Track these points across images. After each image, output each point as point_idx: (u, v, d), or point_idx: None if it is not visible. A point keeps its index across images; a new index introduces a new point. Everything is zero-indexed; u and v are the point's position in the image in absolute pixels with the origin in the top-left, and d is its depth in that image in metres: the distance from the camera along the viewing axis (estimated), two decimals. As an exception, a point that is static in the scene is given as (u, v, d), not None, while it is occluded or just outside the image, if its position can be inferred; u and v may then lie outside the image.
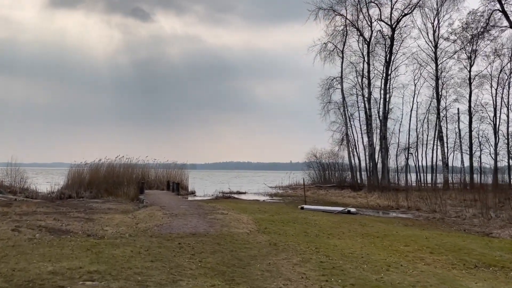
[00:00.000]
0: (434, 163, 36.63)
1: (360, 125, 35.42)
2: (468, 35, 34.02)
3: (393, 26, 29.05)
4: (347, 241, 8.89)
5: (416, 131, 37.55)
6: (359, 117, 35.18)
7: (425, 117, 36.87)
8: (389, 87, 31.93)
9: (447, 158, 31.27)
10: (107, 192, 23.94)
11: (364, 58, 32.42)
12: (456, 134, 35.19)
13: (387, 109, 30.33)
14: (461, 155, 32.03)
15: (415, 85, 36.34)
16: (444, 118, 32.77)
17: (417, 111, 37.22)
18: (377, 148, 32.68)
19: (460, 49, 33.94)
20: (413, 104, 37.22)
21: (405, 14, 28.83)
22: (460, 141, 32.45)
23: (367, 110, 30.60)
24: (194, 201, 19.04)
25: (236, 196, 24.78)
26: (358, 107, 35.02)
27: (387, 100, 30.46)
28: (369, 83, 30.60)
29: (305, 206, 17.37)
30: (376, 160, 31.89)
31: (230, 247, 7.56)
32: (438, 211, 17.98)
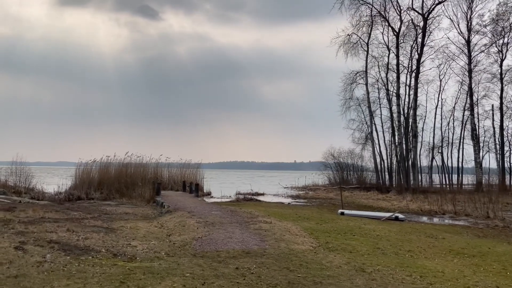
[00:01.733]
0: (460, 163, 34.61)
1: (382, 123, 33.50)
2: (499, 27, 31.94)
3: (426, 16, 26.96)
4: (443, 263, 6.91)
5: (441, 130, 35.53)
6: (381, 114, 33.24)
7: (451, 115, 34.85)
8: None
9: (482, 158, 29.20)
10: (119, 193, 22.06)
11: (389, 50, 30.43)
12: (485, 131, 33.15)
13: (416, 105, 28.26)
14: (498, 155, 29.91)
15: (440, 81, 34.34)
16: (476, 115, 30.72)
17: (441, 108, 35.22)
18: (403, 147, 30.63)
19: (491, 44, 31.87)
20: (438, 101, 35.25)
21: (439, 2, 26.76)
22: (496, 140, 30.36)
23: (396, 106, 28.57)
24: (218, 204, 17.09)
25: (257, 198, 22.78)
26: (380, 104, 33.05)
27: (417, 95, 28.37)
28: (398, 77, 28.57)
29: (346, 211, 15.37)
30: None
31: (305, 273, 5.62)
32: (492, 217, 15.99)
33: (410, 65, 30.60)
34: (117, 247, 6.92)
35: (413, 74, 28.69)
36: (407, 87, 30.74)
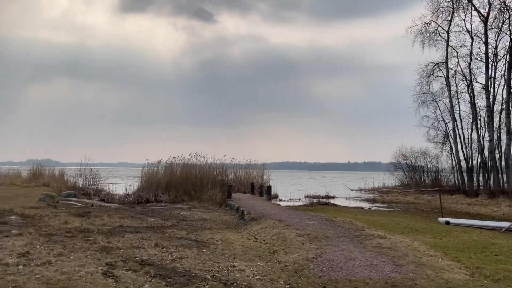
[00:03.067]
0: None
1: (461, 119, 30.28)
2: None
3: (521, -4, 23.75)
4: None
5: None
6: (459, 110, 30.04)
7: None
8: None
9: None
10: (188, 196, 21.13)
11: (472, 39, 27.30)
12: None
13: (510, 98, 25.03)
14: None
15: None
16: None
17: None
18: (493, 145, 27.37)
19: None
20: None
21: (539, -21, 23.45)
22: None
23: (485, 99, 25.52)
24: (295, 209, 15.51)
25: (332, 202, 20.89)
26: (458, 99, 29.88)
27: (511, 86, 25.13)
28: (487, 67, 25.49)
29: (452, 220, 13.16)
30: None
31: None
32: None
33: (495, 53, 27.33)
34: (222, 272, 5.49)
35: (502, 64, 25.48)
36: (491, 79, 27.51)
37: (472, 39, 27.32)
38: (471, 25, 27.21)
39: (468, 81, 27.95)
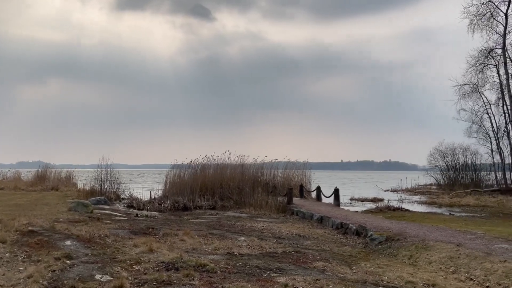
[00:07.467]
0: None
1: (504, 113, 27.69)
2: None
3: None
4: None
5: None
6: (503, 103, 27.45)
7: None
8: None
9: None
10: (226, 201, 18.11)
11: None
12: None
13: None
14: None
15: None
16: None
17: None
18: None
19: None
20: None
21: None
22: None
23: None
24: (373, 215, 12.65)
25: (405, 207, 17.85)
26: (502, 90, 27.29)
27: None
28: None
29: None
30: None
31: None
32: None
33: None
34: None
35: None
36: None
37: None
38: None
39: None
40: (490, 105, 27.55)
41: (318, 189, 18.41)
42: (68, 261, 5.24)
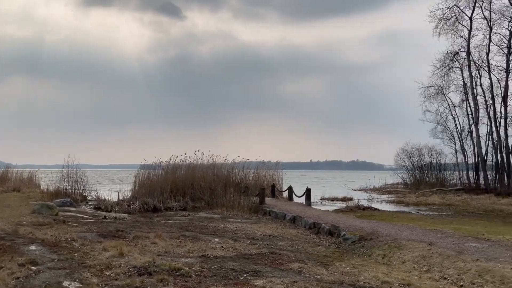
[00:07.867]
0: None
1: (468, 114, 28.70)
2: None
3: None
4: None
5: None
6: (467, 105, 28.46)
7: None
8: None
9: None
10: (197, 201, 17.86)
11: (491, 28, 25.68)
12: None
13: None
14: None
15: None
16: None
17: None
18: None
19: None
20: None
21: None
22: None
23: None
24: (344, 214, 12.78)
25: (374, 206, 18.13)
26: (466, 92, 28.29)
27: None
28: (510, 52, 23.96)
29: None
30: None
31: None
32: None
33: (509, 45, 25.89)
34: None
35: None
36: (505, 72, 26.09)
37: (491, 28, 25.72)
38: (490, 14, 25.61)
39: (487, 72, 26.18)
40: (455, 106, 28.41)
41: (290, 189, 18.47)
42: (33, 268, 4.94)
